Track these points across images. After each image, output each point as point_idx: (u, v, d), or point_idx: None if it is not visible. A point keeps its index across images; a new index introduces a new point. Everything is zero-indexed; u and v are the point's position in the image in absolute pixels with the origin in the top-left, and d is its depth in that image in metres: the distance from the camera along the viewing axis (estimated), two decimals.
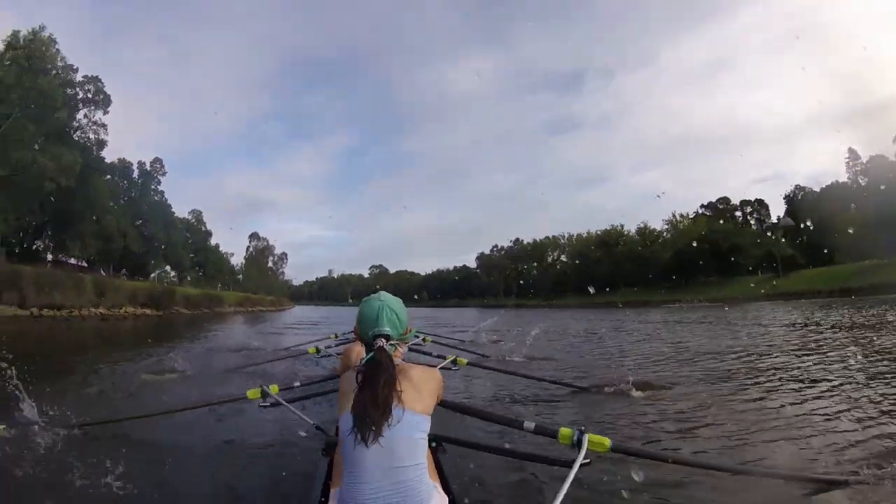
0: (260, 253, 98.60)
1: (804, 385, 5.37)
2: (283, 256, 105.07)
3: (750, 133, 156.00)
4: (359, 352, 3.58)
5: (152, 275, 55.29)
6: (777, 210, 77.96)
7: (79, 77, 30.26)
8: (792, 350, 8.63)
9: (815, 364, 6.84)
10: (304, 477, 2.59)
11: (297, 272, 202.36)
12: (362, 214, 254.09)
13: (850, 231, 45.17)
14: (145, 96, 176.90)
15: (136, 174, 54.83)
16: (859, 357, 6.94)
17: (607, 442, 2.09)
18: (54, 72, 26.58)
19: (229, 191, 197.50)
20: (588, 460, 1.94)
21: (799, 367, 6.63)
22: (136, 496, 2.61)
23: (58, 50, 27.73)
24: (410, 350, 6.69)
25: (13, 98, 24.15)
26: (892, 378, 5.37)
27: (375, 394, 1.35)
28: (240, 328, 23.19)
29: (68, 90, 29.27)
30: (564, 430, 2.14)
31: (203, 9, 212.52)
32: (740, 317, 20.06)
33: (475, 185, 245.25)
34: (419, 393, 1.46)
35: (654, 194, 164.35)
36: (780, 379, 5.81)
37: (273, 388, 3.27)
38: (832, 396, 4.72)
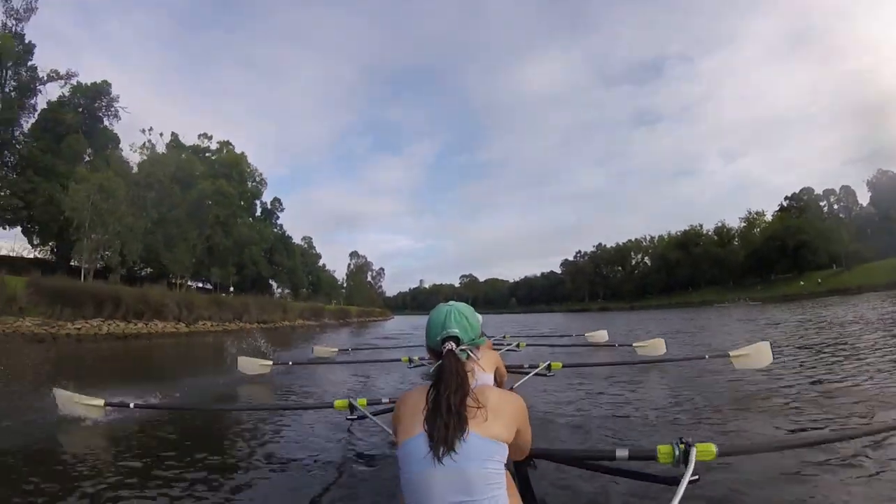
0: (359, 269, 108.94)
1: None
2: (381, 272, 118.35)
3: (837, 110, 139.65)
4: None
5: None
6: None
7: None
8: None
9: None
10: (387, 498, 2.54)
11: (389, 282, 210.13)
12: (449, 223, 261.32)
13: None
14: (241, 124, 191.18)
15: (258, 212, 64.35)
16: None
17: (713, 448, 1.84)
18: (250, 182, 42.31)
19: (322, 207, 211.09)
20: (696, 476, 1.71)
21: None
22: (205, 480, 3.01)
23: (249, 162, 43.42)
24: (506, 353, 7.14)
25: (235, 202, 40.03)
26: None
27: (445, 402, 1.23)
28: (368, 330, 35.98)
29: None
30: (663, 448, 1.86)
31: (283, 29, 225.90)
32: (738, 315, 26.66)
33: (560, 187, 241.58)
34: (497, 417, 1.27)
35: (744, 184, 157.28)
36: None
37: (361, 402, 3.20)
38: None
